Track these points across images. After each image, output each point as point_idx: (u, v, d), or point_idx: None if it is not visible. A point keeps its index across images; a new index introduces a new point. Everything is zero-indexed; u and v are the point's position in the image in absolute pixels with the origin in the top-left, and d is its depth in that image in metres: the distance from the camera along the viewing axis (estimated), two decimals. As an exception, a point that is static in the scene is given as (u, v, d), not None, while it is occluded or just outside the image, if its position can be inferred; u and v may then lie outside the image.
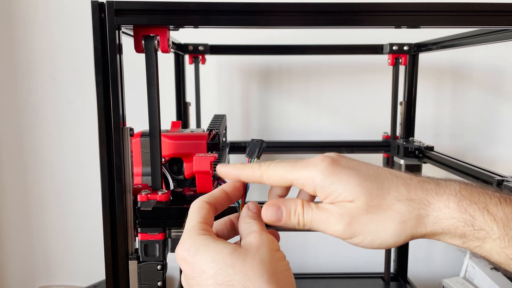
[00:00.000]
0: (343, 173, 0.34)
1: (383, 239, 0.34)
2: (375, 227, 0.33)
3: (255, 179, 0.38)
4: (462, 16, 0.44)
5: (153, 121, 0.47)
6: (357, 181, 0.34)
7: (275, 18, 0.44)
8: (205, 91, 1.14)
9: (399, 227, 0.33)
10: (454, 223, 0.33)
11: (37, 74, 1.14)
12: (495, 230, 0.33)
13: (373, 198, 0.33)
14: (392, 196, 0.34)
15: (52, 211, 1.20)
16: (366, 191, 0.33)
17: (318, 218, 0.35)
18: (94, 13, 0.43)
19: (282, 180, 0.36)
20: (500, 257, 0.33)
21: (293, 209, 0.36)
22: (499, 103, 1.20)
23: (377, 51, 1.02)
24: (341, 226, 0.34)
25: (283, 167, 0.36)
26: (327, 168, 0.34)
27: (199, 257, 0.33)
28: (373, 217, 0.33)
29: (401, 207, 0.33)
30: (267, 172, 0.37)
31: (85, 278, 1.21)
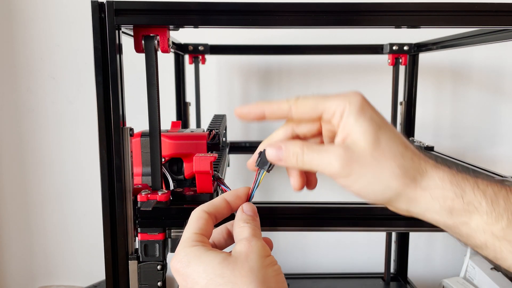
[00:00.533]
0: (369, 115, 0.35)
1: (376, 185, 0.34)
2: (373, 171, 0.34)
3: (282, 114, 0.37)
4: (462, 16, 0.44)
5: (153, 121, 0.47)
6: (375, 128, 0.35)
7: (275, 18, 0.44)
8: (205, 91, 1.14)
9: (394, 179, 0.34)
10: (445, 193, 0.34)
11: (37, 74, 1.14)
12: (484, 205, 0.33)
13: (381, 147, 0.34)
14: (399, 152, 0.35)
15: (52, 211, 1.20)
16: (378, 139, 0.35)
17: (316, 159, 0.36)
18: (94, 13, 0.43)
19: (313, 110, 0.36)
20: (486, 235, 0.34)
21: (292, 149, 0.37)
22: (499, 103, 1.20)
23: (377, 51, 1.02)
24: (338, 164, 0.34)
25: (315, 97, 0.37)
26: (360, 102, 0.35)
27: (191, 269, 0.33)
28: (374, 162, 0.34)
29: (402, 163, 0.34)
30: (296, 104, 0.37)
31: (85, 278, 1.21)
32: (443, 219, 0.35)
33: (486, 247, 0.34)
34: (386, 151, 0.34)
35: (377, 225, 0.49)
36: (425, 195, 0.34)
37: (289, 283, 1.11)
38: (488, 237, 0.34)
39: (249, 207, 0.39)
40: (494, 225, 0.33)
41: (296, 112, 0.37)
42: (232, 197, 0.39)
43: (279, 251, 1.24)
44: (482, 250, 0.35)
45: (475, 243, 0.34)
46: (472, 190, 0.34)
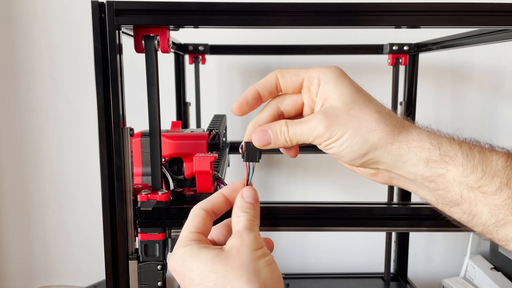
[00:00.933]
0: (346, 82, 0.38)
1: (355, 139, 0.36)
2: (351, 127, 0.36)
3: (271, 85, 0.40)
4: (462, 16, 0.44)
5: (153, 121, 0.47)
6: (351, 91, 0.38)
7: (275, 18, 0.44)
8: (205, 91, 1.14)
9: (371, 132, 0.36)
10: (421, 144, 0.35)
11: (37, 74, 1.14)
12: (459, 156, 0.35)
13: (358, 106, 0.37)
14: (375, 109, 0.37)
15: (52, 211, 1.20)
16: (354, 100, 0.37)
17: (301, 129, 0.38)
18: (94, 13, 0.43)
19: (296, 76, 0.39)
20: (461, 187, 0.34)
21: (278, 129, 0.38)
22: (499, 103, 1.20)
23: (377, 51, 1.02)
24: (322, 127, 0.36)
25: (296, 68, 0.40)
26: (337, 71, 0.39)
27: (186, 267, 0.34)
28: (352, 118, 0.36)
29: (379, 118, 0.36)
30: (281, 71, 0.40)
31: (85, 278, 1.21)
32: (420, 171, 0.35)
33: (462, 201, 0.35)
34: (363, 108, 0.37)
35: (377, 225, 0.49)
36: (402, 146, 0.36)
37: (289, 283, 1.12)
38: (463, 189, 0.34)
39: (249, 192, 0.39)
40: (469, 176, 0.34)
41: (282, 77, 0.39)
42: (229, 191, 0.40)
43: (279, 251, 1.24)
44: (459, 205, 0.35)
45: (452, 197, 0.35)
46: (448, 142, 0.36)
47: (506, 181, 0.34)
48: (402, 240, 1.10)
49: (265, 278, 0.33)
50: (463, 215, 0.35)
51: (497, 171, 0.34)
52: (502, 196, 0.33)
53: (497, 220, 0.34)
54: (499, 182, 0.34)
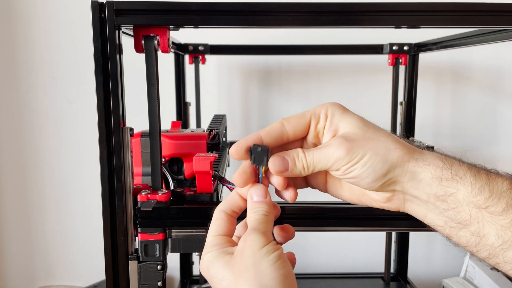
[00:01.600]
0: (351, 113, 0.40)
1: (376, 160, 0.36)
2: (371, 147, 0.37)
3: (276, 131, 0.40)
4: (462, 16, 0.44)
5: (153, 121, 0.47)
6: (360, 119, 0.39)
7: (275, 18, 0.44)
8: (205, 91, 1.14)
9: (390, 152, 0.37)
10: (435, 162, 0.37)
11: (37, 74, 1.14)
12: (468, 177, 0.36)
13: (371, 130, 0.38)
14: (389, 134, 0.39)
15: (52, 211, 1.20)
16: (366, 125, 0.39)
17: (319, 155, 0.38)
18: (94, 13, 0.43)
19: (302, 118, 0.40)
20: (470, 208, 0.36)
21: (295, 155, 0.38)
22: (499, 103, 1.20)
23: (377, 51, 1.02)
24: (342, 150, 0.37)
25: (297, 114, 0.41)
26: (341, 105, 0.40)
27: (210, 274, 0.36)
28: (370, 140, 0.37)
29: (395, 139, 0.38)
30: (286, 118, 0.40)
31: (85, 278, 1.21)
32: (433, 190, 0.37)
33: (470, 221, 0.36)
34: (377, 132, 0.38)
35: (377, 225, 0.49)
36: (418, 164, 0.37)
37: (289, 283, 1.12)
38: (472, 209, 0.36)
39: (255, 191, 0.39)
40: (477, 196, 0.36)
41: (288, 123, 0.40)
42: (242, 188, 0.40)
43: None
44: (467, 227, 0.36)
45: (461, 217, 0.36)
46: (458, 163, 0.38)
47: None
48: (402, 240, 1.10)
49: (268, 279, 0.33)
50: (471, 238, 0.36)
51: (503, 192, 0.36)
52: (508, 217, 0.35)
53: (504, 241, 0.35)
54: (505, 203, 0.35)
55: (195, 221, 0.47)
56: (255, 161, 0.39)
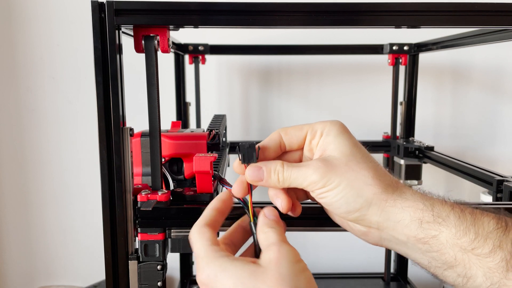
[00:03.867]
0: (346, 136, 0.38)
1: (350, 192, 0.36)
2: (348, 179, 0.36)
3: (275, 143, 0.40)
4: (462, 16, 0.44)
5: (153, 121, 0.47)
6: (351, 145, 0.38)
7: (275, 18, 0.44)
8: (205, 91, 1.14)
9: (367, 187, 0.36)
10: (415, 204, 0.35)
11: (37, 74, 1.14)
12: (452, 218, 0.34)
13: (356, 159, 0.37)
14: (372, 166, 0.37)
15: (52, 211, 1.20)
16: (352, 153, 0.37)
17: (296, 173, 0.37)
18: (94, 13, 0.43)
19: (299, 131, 0.40)
20: (455, 250, 0.34)
21: (273, 168, 0.38)
22: (499, 103, 1.20)
23: (377, 51, 1.02)
24: (318, 173, 0.36)
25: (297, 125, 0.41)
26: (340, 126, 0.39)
27: (220, 284, 0.33)
28: (349, 170, 0.36)
29: (376, 174, 0.36)
30: (284, 129, 0.41)
31: (85, 278, 1.21)
32: (413, 233, 0.35)
33: (456, 263, 0.34)
34: (361, 163, 0.37)
35: (377, 225, 0.49)
36: (396, 205, 0.35)
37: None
38: (457, 251, 0.34)
39: (270, 211, 0.38)
40: (462, 238, 0.34)
41: (285, 134, 0.40)
42: (219, 204, 0.40)
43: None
44: (453, 268, 0.35)
45: (446, 259, 0.35)
46: (440, 203, 0.35)
47: (499, 243, 0.33)
48: (402, 240, 1.09)
49: None
50: (458, 278, 0.35)
51: (489, 233, 0.34)
52: (496, 259, 0.33)
53: (492, 283, 0.33)
54: (492, 244, 0.33)
55: (195, 221, 0.47)
56: (244, 159, 0.39)
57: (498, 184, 0.68)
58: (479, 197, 1.02)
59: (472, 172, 0.77)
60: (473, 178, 0.76)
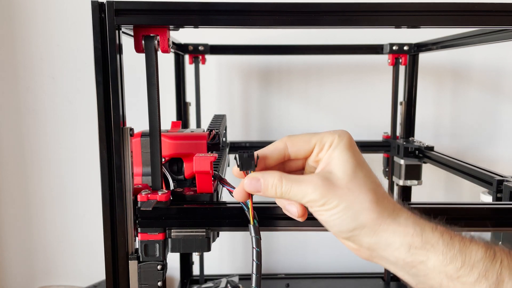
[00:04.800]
0: (352, 152, 0.38)
1: (346, 214, 0.36)
2: (346, 201, 0.36)
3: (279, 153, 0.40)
4: (462, 16, 0.44)
5: (153, 121, 0.47)
6: (355, 163, 0.37)
7: (275, 18, 0.44)
8: (205, 91, 1.14)
9: (363, 212, 0.36)
10: (406, 230, 0.36)
11: (37, 74, 1.14)
12: (440, 245, 0.35)
13: (357, 180, 0.37)
14: (372, 188, 0.37)
15: (52, 211, 1.20)
16: (355, 172, 0.37)
17: (296, 189, 0.38)
18: (94, 13, 0.43)
19: (307, 143, 0.39)
20: (441, 276, 0.35)
21: (270, 182, 0.38)
22: (499, 103, 1.20)
23: (377, 51, 1.02)
24: (317, 193, 0.36)
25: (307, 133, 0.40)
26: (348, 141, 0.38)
27: None
28: (348, 193, 0.36)
29: (374, 199, 0.37)
30: (290, 139, 0.40)
31: (85, 278, 1.21)
32: (402, 256, 0.36)
33: None
34: (362, 184, 0.37)
35: (377, 225, 0.49)
36: (388, 229, 0.36)
37: (289, 283, 1.12)
38: (443, 278, 0.35)
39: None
40: (448, 266, 0.35)
41: (292, 146, 0.39)
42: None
43: (279, 251, 1.24)
44: None
45: (432, 284, 0.36)
46: (431, 230, 0.36)
47: (484, 273, 0.34)
48: (402, 240, 1.09)
49: None
50: None
51: (476, 262, 0.34)
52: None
53: None
54: (477, 273, 0.34)
55: (195, 221, 0.47)
56: (243, 167, 0.39)
57: (498, 184, 0.68)
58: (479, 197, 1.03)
59: (472, 172, 0.77)
60: (473, 178, 0.76)
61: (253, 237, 0.41)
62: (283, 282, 1.13)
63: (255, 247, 0.40)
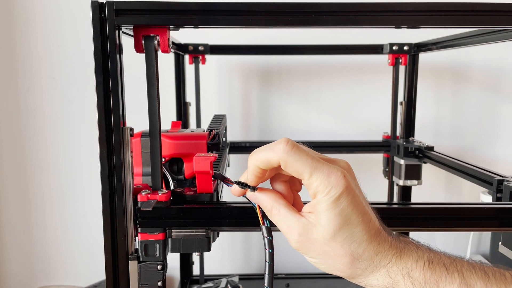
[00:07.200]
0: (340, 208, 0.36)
1: (323, 267, 0.39)
2: (321, 259, 0.38)
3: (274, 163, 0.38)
4: (462, 16, 0.44)
5: (153, 121, 0.47)
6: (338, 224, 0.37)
7: (275, 18, 0.44)
8: (205, 91, 1.14)
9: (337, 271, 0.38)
10: (378, 285, 0.38)
11: (37, 74, 1.14)
12: None
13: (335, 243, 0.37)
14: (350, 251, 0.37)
15: (52, 211, 1.20)
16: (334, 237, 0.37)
17: (281, 226, 0.39)
18: (94, 13, 0.43)
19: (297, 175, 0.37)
20: None
21: (264, 204, 0.40)
22: (499, 103, 1.20)
23: (377, 51, 1.02)
24: (296, 244, 0.38)
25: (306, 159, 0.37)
26: (342, 190, 0.36)
27: None
28: (323, 254, 0.38)
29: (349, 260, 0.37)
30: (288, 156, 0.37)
31: (85, 278, 1.21)
32: None
33: None
34: (339, 247, 0.37)
35: (377, 225, 0.49)
36: (366, 280, 0.38)
37: (289, 283, 1.12)
38: None
39: None
40: None
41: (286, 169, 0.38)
42: None
43: (279, 251, 1.24)
44: None
45: None
46: (403, 280, 0.37)
47: None
48: (402, 240, 1.09)
49: None
50: None
51: None
52: None
53: None
54: None
55: (195, 221, 0.47)
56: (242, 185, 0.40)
57: (498, 184, 0.68)
58: (479, 197, 1.03)
59: (472, 172, 0.77)
60: (473, 178, 0.76)
61: (265, 238, 0.41)
62: (283, 282, 1.13)
63: (267, 248, 0.41)
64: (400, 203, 0.92)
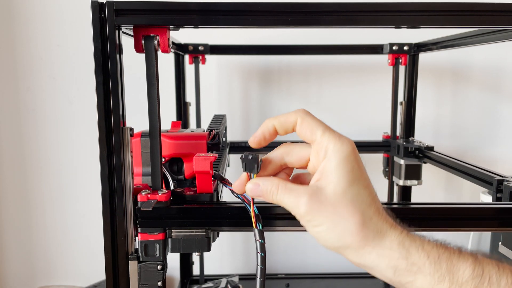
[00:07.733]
0: (349, 167, 0.37)
1: (331, 234, 0.37)
2: (331, 221, 0.37)
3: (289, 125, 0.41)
4: (462, 16, 0.44)
5: (153, 121, 0.47)
6: (348, 181, 0.37)
7: (275, 18, 0.44)
8: (205, 91, 1.14)
9: (348, 234, 0.37)
10: (391, 253, 0.36)
11: (37, 74, 1.14)
12: (427, 266, 0.35)
13: (346, 201, 0.37)
14: (361, 209, 0.37)
15: (52, 211, 1.20)
16: (345, 192, 0.37)
17: (287, 200, 0.38)
18: (94, 13, 0.43)
19: (311, 133, 0.39)
20: None
21: (269, 188, 0.39)
22: (499, 103, 1.20)
23: (377, 51, 1.02)
24: (304, 209, 0.37)
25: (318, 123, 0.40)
26: (347, 152, 0.37)
27: None
28: (335, 214, 0.37)
29: (360, 221, 0.37)
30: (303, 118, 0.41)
31: (85, 278, 1.21)
32: (389, 276, 0.37)
33: None
34: (350, 205, 0.37)
35: (377, 225, 0.49)
36: (373, 252, 0.37)
37: (289, 283, 1.12)
38: None
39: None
40: (437, 286, 0.35)
41: (301, 123, 0.40)
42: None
43: (279, 251, 1.24)
44: None
45: None
46: (417, 251, 0.36)
47: None
48: (402, 240, 1.09)
49: None
50: None
51: (464, 282, 0.35)
52: None
53: None
54: None
55: (195, 221, 0.47)
56: (246, 168, 0.40)
57: (498, 184, 0.68)
58: (479, 197, 1.03)
59: (472, 172, 0.77)
60: (473, 178, 0.76)
61: (257, 242, 0.41)
62: (283, 282, 1.13)
63: (259, 252, 0.41)
64: (400, 203, 0.92)
